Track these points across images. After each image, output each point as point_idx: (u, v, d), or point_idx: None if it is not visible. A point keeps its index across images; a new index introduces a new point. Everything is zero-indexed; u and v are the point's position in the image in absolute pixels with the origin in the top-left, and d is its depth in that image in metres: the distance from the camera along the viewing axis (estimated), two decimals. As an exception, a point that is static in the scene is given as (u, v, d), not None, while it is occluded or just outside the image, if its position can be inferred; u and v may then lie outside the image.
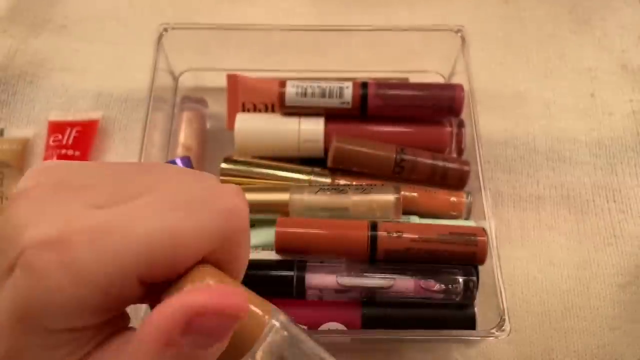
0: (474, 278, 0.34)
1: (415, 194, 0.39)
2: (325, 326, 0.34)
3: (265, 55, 0.47)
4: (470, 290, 0.34)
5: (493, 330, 0.34)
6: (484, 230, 0.35)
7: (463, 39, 0.44)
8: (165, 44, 0.45)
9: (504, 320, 0.34)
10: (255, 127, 0.41)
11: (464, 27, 0.44)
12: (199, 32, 0.46)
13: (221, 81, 0.46)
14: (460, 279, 0.34)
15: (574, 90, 0.50)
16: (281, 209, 0.37)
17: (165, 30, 0.44)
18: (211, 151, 0.47)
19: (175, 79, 0.49)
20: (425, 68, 0.49)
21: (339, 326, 0.34)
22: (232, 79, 0.44)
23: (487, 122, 0.48)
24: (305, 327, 0.34)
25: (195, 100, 0.46)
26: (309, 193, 0.36)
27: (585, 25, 0.54)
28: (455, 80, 0.43)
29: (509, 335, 0.34)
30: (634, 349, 0.40)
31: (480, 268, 0.36)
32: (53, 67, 0.51)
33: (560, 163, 0.46)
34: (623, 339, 0.39)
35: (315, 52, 0.49)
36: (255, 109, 0.43)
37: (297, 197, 0.36)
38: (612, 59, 0.51)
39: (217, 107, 0.48)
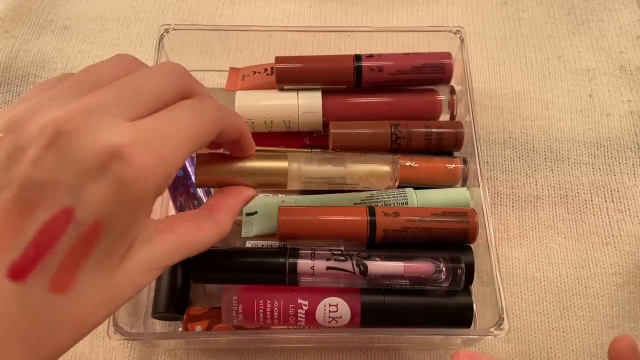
0: (462, 265, 0.34)
1: (413, 163, 0.40)
2: (325, 301, 0.35)
3: (266, 56, 0.47)
4: (458, 277, 0.34)
5: (492, 329, 0.34)
6: (474, 211, 0.37)
7: (462, 40, 0.44)
8: (166, 45, 0.45)
9: (502, 319, 0.34)
10: (255, 104, 0.42)
11: (462, 29, 0.45)
12: (199, 33, 0.47)
13: (222, 82, 0.47)
14: (443, 259, 0.34)
15: (572, 90, 0.50)
16: (279, 178, 0.35)
17: (167, 31, 0.45)
18: (212, 151, 0.47)
19: (176, 79, 0.49)
20: (425, 69, 0.49)
21: (339, 301, 0.35)
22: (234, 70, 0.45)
23: (485, 123, 0.49)
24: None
25: (196, 100, 0.47)
26: (306, 162, 0.36)
27: (584, 27, 0.54)
28: (454, 81, 0.43)
29: (507, 334, 0.34)
30: (632, 348, 0.40)
31: (479, 267, 0.36)
32: (55, 68, 0.51)
33: (559, 163, 0.47)
34: (621, 338, 0.40)
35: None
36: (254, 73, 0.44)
37: (295, 165, 0.36)
38: (610, 60, 0.52)
39: (218, 107, 0.49)
